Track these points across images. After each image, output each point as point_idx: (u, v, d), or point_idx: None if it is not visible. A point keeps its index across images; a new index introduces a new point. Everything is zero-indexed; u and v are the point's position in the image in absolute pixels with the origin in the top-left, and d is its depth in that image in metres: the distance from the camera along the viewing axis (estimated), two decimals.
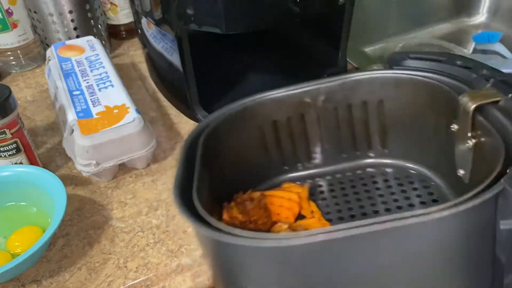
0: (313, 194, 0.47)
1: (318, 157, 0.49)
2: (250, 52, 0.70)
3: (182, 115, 0.61)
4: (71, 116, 0.51)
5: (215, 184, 0.40)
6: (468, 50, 0.88)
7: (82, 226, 0.47)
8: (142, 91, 0.67)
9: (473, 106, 0.37)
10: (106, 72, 0.58)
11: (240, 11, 0.47)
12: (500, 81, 0.38)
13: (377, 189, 0.47)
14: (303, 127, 0.47)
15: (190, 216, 0.32)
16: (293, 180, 0.49)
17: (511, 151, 0.34)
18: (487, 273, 0.33)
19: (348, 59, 0.64)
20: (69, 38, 0.70)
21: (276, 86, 0.45)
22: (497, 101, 0.37)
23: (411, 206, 0.45)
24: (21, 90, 0.69)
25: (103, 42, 0.74)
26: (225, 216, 0.41)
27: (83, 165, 0.49)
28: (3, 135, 0.47)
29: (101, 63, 0.60)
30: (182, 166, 0.37)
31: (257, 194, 0.45)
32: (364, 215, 0.45)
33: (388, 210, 0.45)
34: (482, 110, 0.37)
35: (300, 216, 0.45)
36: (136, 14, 0.66)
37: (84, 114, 0.51)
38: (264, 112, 0.45)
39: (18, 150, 0.49)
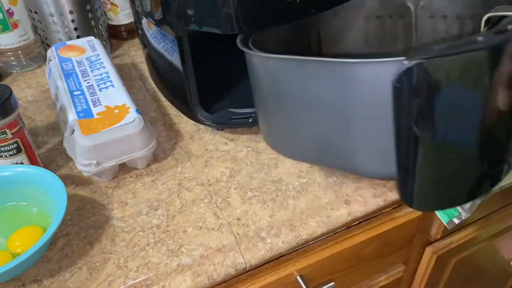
0: None
1: None
2: None
3: (182, 115, 0.61)
4: (71, 116, 0.51)
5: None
6: None
7: (83, 226, 0.47)
8: (142, 91, 0.67)
9: (487, 16, 0.41)
10: (107, 72, 0.58)
11: (240, 12, 0.47)
12: None
13: None
14: (402, 29, 0.53)
15: (245, 45, 0.43)
16: None
17: None
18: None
19: None
20: (70, 39, 0.70)
21: None
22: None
23: None
24: (22, 90, 0.69)
25: (104, 42, 0.74)
26: None
27: (83, 165, 0.49)
28: (4, 135, 0.47)
29: (102, 63, 0.60)
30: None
31: None
32: None
33: None
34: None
35: None
36: (137, 15, 0.66)
37: (85, 114, 0.51)
38: (370, 6, 0.53)
39: (18, 150, 0.49)
